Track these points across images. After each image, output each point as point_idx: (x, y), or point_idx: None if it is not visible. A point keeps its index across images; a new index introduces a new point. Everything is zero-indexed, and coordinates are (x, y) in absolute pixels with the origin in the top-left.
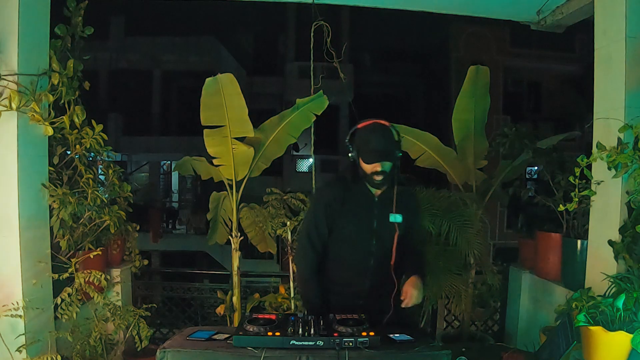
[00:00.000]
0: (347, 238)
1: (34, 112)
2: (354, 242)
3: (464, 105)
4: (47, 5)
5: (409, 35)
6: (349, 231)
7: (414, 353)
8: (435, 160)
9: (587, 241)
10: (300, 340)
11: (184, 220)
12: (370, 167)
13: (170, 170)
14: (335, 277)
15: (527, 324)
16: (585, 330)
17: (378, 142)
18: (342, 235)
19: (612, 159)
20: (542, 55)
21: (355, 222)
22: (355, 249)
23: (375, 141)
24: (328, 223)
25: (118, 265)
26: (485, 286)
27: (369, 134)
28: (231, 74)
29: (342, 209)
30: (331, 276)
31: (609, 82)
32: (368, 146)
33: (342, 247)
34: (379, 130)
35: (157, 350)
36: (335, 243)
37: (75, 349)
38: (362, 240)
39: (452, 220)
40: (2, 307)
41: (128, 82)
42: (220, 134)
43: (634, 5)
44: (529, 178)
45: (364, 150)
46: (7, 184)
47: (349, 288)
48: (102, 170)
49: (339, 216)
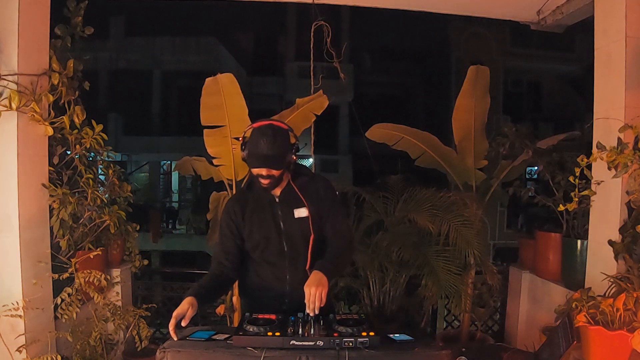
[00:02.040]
0: (258, 244)
1: (34, 112)
2: (264, 246)
3: (464, 105)
4: (47, 5)
5: (409, 35)
6: (258, 237)
7: (414, 353)
8: (435, 160)
9: (587, 241)
10: (300, 340)
11: (184, 220)
12: (255, 171)
13: (170, 170)
14: (255, 283)
15: (527, 324)
16: (585, 330)
17: (261, 147)
18: (253, 242)
19: (612, 159)
20: (542, 55)
21: (261, 227)
22: (268, 253)
23: (258, 146)
24: (237, 236)
25: (118, 265)
26: (485, 286)
27: (257, 137)
28: (231, 74)
29: (246, 219)
30: (251, 283)
31: (609, 82)
32: (251, 150)
33: (255, 253)
34: (267, 134)
35: (157, 350)
36: (251, 250)
37: (75, 349)
38: (271, 244)
39: (452, 221)
40: (2, 307)
41: (128, 82)
42: (220, 134)
43: (634, 5)
44: (529, 178)
45: (249, 154)
46: (7, 184)
47: (270, 292)
48: (102, 170)
49: (245, 226)
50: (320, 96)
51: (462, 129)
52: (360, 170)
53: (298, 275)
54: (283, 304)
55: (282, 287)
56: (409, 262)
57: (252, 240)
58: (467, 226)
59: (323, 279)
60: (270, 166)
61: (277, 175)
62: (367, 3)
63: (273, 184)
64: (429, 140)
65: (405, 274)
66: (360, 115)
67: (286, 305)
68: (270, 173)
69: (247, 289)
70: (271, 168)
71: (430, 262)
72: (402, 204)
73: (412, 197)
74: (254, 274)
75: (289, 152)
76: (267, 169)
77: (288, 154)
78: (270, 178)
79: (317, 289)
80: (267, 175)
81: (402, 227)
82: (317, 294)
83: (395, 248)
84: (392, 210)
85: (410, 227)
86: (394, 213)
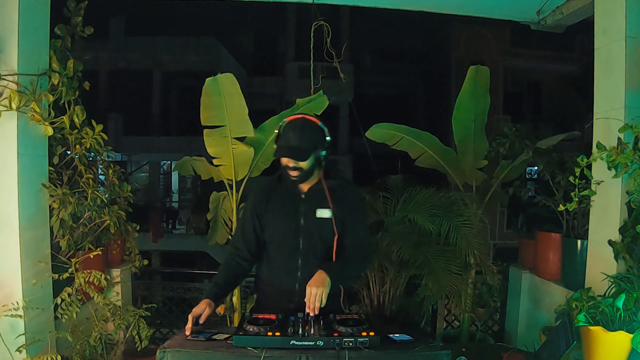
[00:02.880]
0: (274, 237)
1: (34, 112)
2: (280, 240)
3: (464, 105)
4: (47, 5)
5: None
6: (275, 230)
7: (414, 353)
8: (435, 160)
9: (587, 241)
10: (300, 340)
11: (184, 220)
12: (284, 161)
13: (170, 170)
14: (267, 277)
15: (527, 324)
16: (585, 330)
17: (289, 138)
18: (270, 234)
19: (612, 159)
20: (542, 55)
21: (281, 220)
22: (282, 248)
23: (287, 137)
24: (257, 224)
25: (118, 265)
26: (485, 286)
27: (287, 129)
28: (231, 74)
29: (268, 208)
30: (262, 276)
31: (609, 82)
32: (280, 141)
33: (271, 247)
34: (296, 126)
35: (157, 350)
36: (267, 243)
37: (75, 349)
38: (288, 239)
39: (452, 220)
40: (2, 307)
41: (128, 82)
42: (220, 134)
43: (634, 5)
44: (529, 178)
45: (278, 145)
46: (7, 184)
47: (280, 288)
48: (102, 170)
49: (266, 216)
50: (320, 96)
51: (462, 129)
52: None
53: (309, 274)
54: (292, 302)
55: (292, 284)
56: (409, 262)
57: (270, 232)
58: (467, 226)
59: (326, 280)
60: (294, 157)
61: (305, 168)
62: (367, 3)
63: (302, 177)
64: (429, 140)
65: (405, 274)
66: (360, 115)
67: (295, 303)
68: (297, 165)
69: (260, 282)
70: (296, 159)
71: (430, 262)
72: (402, 204)
73: (412, 197)
74: (267, 268)
75: (319, 146)
76: (292, 159)
77: (317, 148)
78: (298, 170)
79: (317, 289)
80: (294, 167)
81: (402, 227)
82: (317, 294)
83: (395, 248)
84: (392, 210)
85: (410, 227)
86: (394, 213)
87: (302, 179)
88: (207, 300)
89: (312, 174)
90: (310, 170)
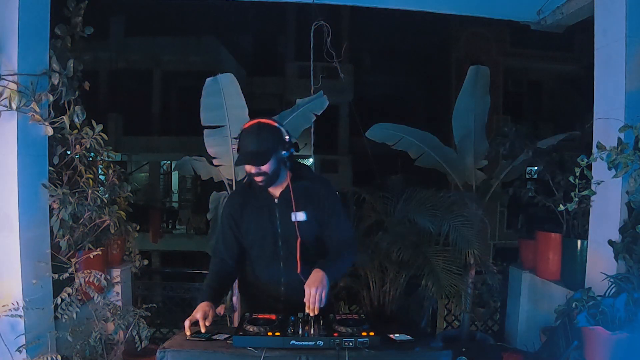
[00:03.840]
0: (254, 242)
1: (34, 112)
2: (260, 246)
3: (464, 105)
4: (47, 5)
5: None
6: (253, 235)
7: (414, 353)
8: (435, 160)
9: (587, 241)
10: (300, 340)
11: (184, 220)
12: (247, 168)
13: (170, 170)
14: (252, 281)
15: (527, 324)
16: (585, 330)
17: (247, 144)
18: (249, 240)
19: (612, 159)
20: (542, 55)
21: (257, 226)
22: (264, 253)
23: (244, 143)
24: (235, 231)
25: (118, 265)
26: (485, 286)
27: (244, 136)
28: (231, 74)
29: (244, 215)
30: (247, 281)
31: (609, 82)
32: (240, 149)
33: (251, 253)
34: (252, 132)
35: (157, 350)
36: (247, 248)
37: (75, 349)
38: (267, 244)
39: (452, 221)
40: (2, 307)
41: (128, 82)
42: (220, 134)
43: (633, 5)
44: (529, 178)
45: (239, 153)
46: (7, 184)
47: (266, 292)
48: (102, 170)
49: (243, 222)
50: (320, 96)
51: (462, 129)
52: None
53: (292, 277)
54: (279, 303)
55: (277, 288)
56: (409, 262)
57: (249, 238)
58: (467, 226)
59: (324, 279)
60: (255, 162)
61: (268, 172)
62: (367, 3)
63: (267, 182)
64: (429, 140)
65: (405, 274)
66: (360, 115)
67: (282, 305)
68: (260, 170)
69: (245, 286)
70: (256, 165)
71: (430, 262)
72: (402, 204)
73: (412, 197)
74: (251, 272)
75: (279, 148)
76: (253, 165)
77: (277, 150)
78: (262, 175)
79: (317, 289)
80: (257, 172)
81: (402, 227)
82: (317, 294)
83: (395, 248)
84: (392, 210)
85: (410, 227)
86: (394, 213)
87: (269, 183)
88: (207, 303)
89: (280, 176)
90: (276, 173)
